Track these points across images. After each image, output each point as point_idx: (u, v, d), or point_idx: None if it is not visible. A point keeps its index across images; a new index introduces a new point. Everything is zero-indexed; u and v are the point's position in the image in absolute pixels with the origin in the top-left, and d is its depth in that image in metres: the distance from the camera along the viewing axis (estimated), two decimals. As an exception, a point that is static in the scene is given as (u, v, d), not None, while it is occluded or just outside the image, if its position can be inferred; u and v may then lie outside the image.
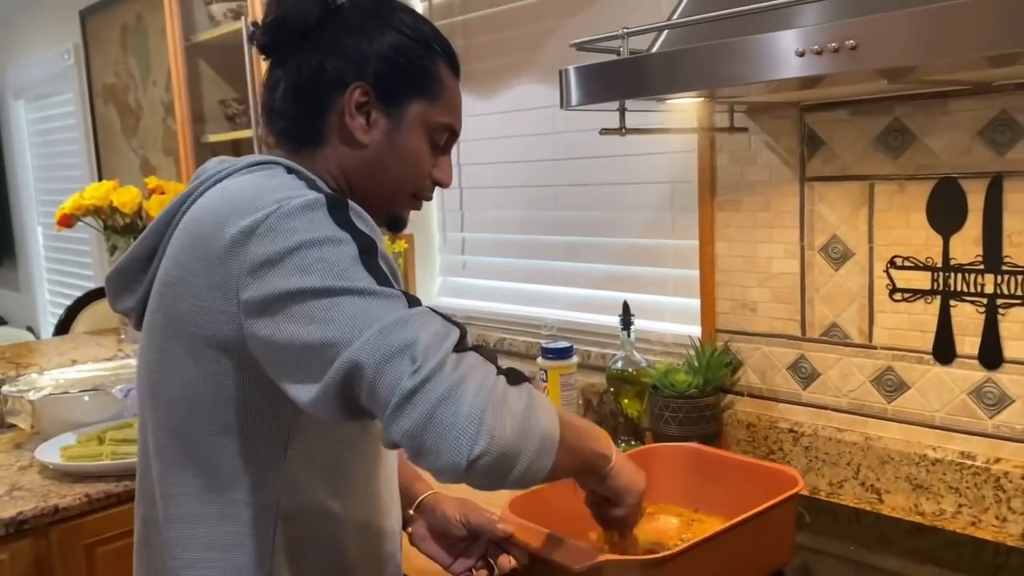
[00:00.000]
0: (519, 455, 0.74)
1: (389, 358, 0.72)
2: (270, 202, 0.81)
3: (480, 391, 0.72)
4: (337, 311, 0.75)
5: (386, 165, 0.96)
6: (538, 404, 0.78)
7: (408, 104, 0.95)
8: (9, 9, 4.63)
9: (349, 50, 0.93)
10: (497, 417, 0.72)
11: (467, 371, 0.73)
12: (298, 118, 0.95)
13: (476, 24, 2.12)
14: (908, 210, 1.36)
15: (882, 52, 0.89)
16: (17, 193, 5.08)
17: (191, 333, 0.86)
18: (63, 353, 2.41)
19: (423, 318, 0.75)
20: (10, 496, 1.63)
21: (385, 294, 0.76)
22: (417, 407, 0.71)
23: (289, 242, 0.78)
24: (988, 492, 1.30)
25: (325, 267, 0.77)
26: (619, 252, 1.90)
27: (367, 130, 0.94)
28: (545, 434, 0.77)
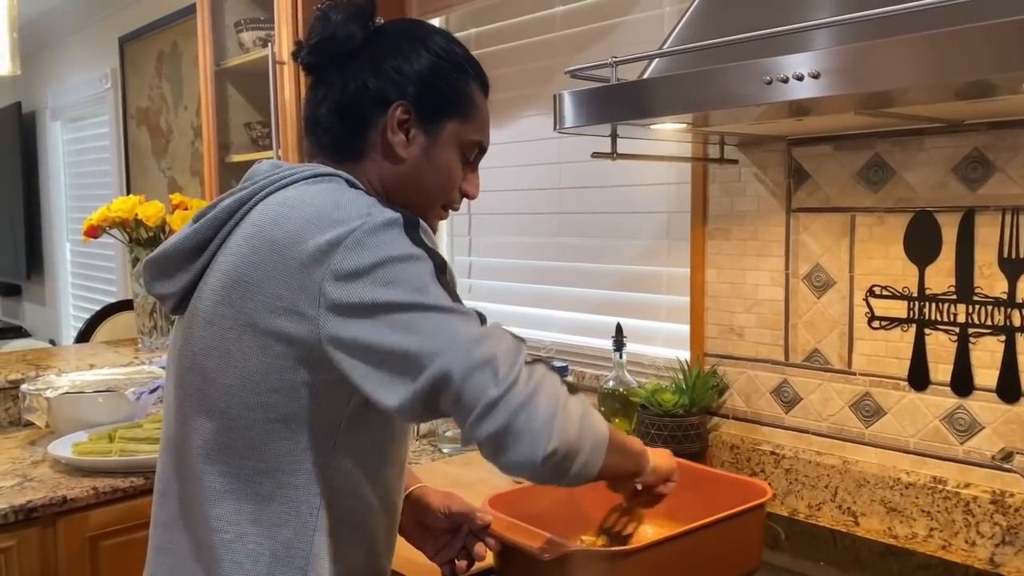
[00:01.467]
0: (578, 453, 0.86)
1: (475, 370, 0.82)
2: (354, 216, 0.89)
3: (550, 399, 0.84)
4: (422, 324, 0.85)
5: (422, 178, 1.04)
6: (591, 411, 0.90)
7: (444, 122, 1.03)
8: (53, 35, 4.84)
9: (390, 71, 1.01)
10: (564, 421, 0.84)
11: (539, 382, 0.84)
12: (342, 133, 1.02)
13: (490, 58, 2.22)
14: (887, 241, 1.42)
15: (846, 80, 0.97)
16: (49, 210, 5.25)
17: (263, 328, 0.91)
18: (82, 359, 2.50)
19: (499, 334, 0.86)
20: (21, 486, 1.71)
21: (460, 311, 0.86)
22: (500, 413, 0.82)
23: (375, 256, 0.87)
24: (958, 516, 1.34)
25: (407, 282, 0.86)
26: (616, 279, 1.96)
27: (407, 146, 1.02)
28: (598, 436, 0.89)
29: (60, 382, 2.06)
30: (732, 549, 1.16)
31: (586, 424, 0.87)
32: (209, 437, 0.96)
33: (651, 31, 1.80)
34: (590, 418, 0.89)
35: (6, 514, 1.59)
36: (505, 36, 2.17)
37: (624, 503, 1.19)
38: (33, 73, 4.74)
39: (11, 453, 1.95)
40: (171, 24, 3.59)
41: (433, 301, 0.86)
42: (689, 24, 1.29)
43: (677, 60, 1.24)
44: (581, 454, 0.86)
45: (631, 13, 1.87)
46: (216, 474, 0.96)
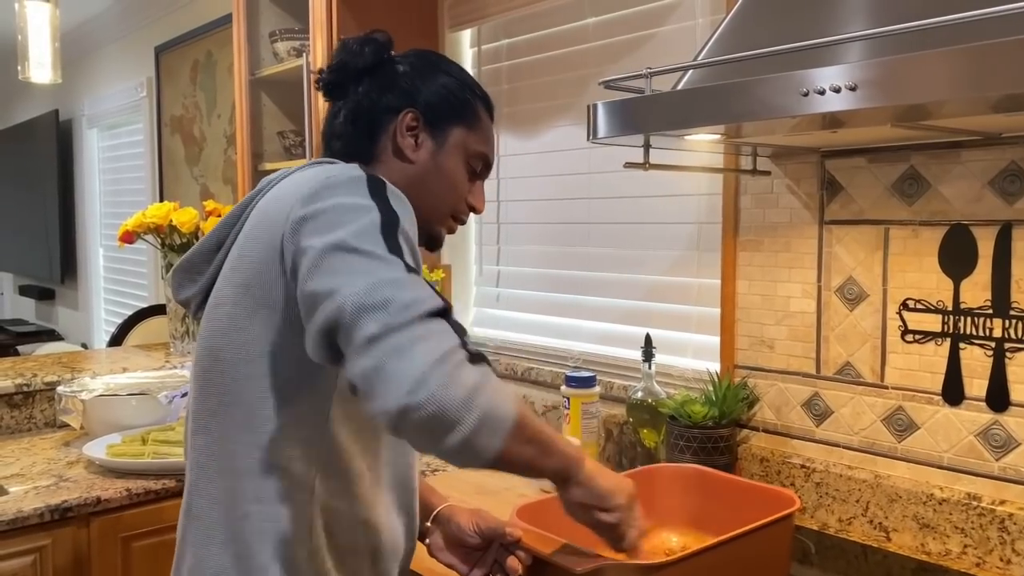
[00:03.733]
0: (457, 423, 0.78)
1: (368, 309, 0.80)
2: (321, 176, 0.94)
3: (431, 352, 0.78)
4: (343, 265, 0.84)
5: (430, 182, 1.09)
6: (493, 386, 0.82)
7: (451, 129, 1.10)
8: (91, 45, 4.94)
9: (404, 85, 1.10)
10: (441, 380, 0.77)
11: (427, 333, 0.80)
12: (355, 138, 1.10)
13: (521, 69, 2.24)
14: (921, 254, 1.41)
15: (883, 93, 0.96)
16: (83, 216, 5.34)
17: (254, 296, 0.96)
18: (115, 362, 2.54)
19: (412, 283, 0.83)
20: (57, 486, 1.74)
21: (388, 260, 0.85)
22: (372, 353, 0.79)
23: (324, 204, 0.89)
24: (993, 533, 1.32)
25: (347, 227, 0.87)
26: (646, 289, 1.96)
27: (415, 149, 1.09)
28: (491, 412, 0.80)
29: (94, 385, 2.10)
30: (761, 561, 1.15)
31: (477, 394, 0.79)
32: (217, 416, 0.99)
33: (683, 43, 1.81)
34: (487, 391, 0.80)
35: (42, 513, 1.62)
36: (537, 47, 2.19)
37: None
38: (71, 81, 4.83)
39: (47, 454, 1.98)
40: (206, 34, 3.64)
41: (361, 247, 0.85)
42: (723, 36, 1.30)
43: (711, 72, 1.24)
44: (463, 424, 0.78)
45: (663, 25, 1.87)
46: (222, 454, 0.99)
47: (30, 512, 1.61)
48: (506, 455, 0.84)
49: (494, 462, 0.84)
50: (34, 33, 2.72)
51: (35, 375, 2.25)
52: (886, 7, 1.11)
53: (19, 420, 2.20)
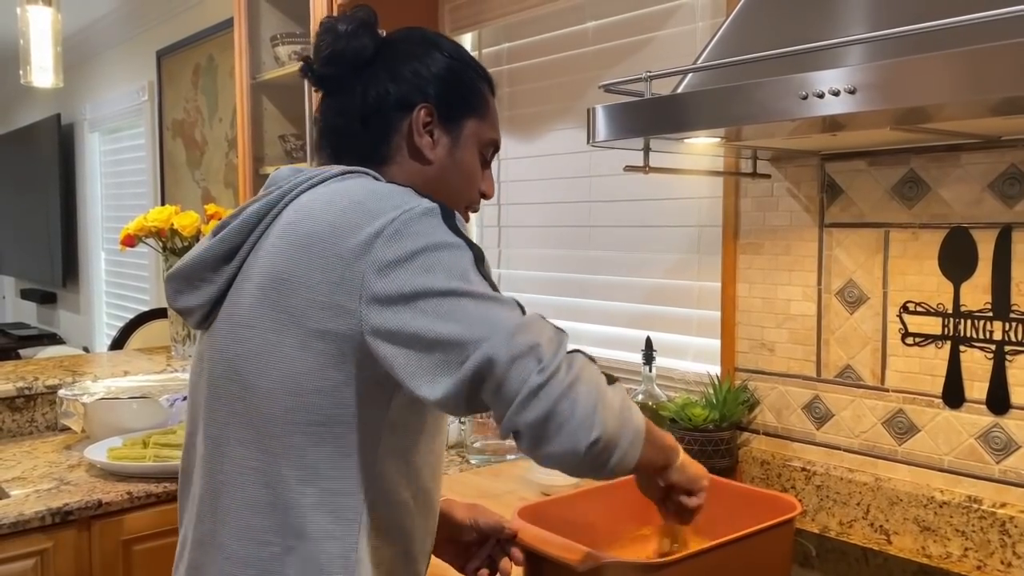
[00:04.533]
0: (618, 444, 0.83)
1: (519, 357, 0.81)
2: (392, 206, 0.90)
3: (591, 388, 0.82)
4: (464, 311, 0.84)
5: (448, 179, 1.05)
6: (629, 401, 0.88)
7: (465, 122, 1.05)
8: (93, 49, 4.95)
9: (409, 75, 1.03)
10: (605, 411, 0.82)
11: (579, 371, 0.82)
12: (367, 139, 1.03)
13: (522, 72, 2.24)
14: (921, 257, 1.41)
15: (883, 96, 0.97)
16: (85, 220, 5.35)
17: (305, 327, 0.90)
18: (116, 365, 2.55)
19: (540, 323, 0.85)
20: (58, 489, 1.74)
21: (500, 299, 0.86)
22: (543, 401, 0.80)
23: (415, 244, 0.87)
24: (994, 536, 1.32)
25: (448, 269, 0.86)
26: (647, 292, 1.97)
27: (433, 147, 1.04)
28: (637, 427, 0.86)
29: (96, 388, 2.10)
30: (761, 564, 1.15)
31: (625, 415, 0.85)
32: (250, 446, 0.95)
33: (683, 46, 1.81)
34: (629, 409, 0.87)
35: (43, 516, 1.62)
36: (537, 51, 2.19)
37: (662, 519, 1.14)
38: (73, 86, 4.84)
39: (48, 457, 1.99)
40: (208, 38, 3.65)
41: (474, 289, 0.85)
42: (723, 40, 1.30)
43: (711, 75, 1.25)
44: (620, 445, 0.84)
45: (663, 28, 1.88)
46: (259, 485, 0.94)
47: (31, 515, 1.61)
48: (642, 462, 0.89)
49: (633, 471, 0.89)
50: (36, 37, 2.73)
51: (36, 378, 2.25)
52: (885, 10, 1.12)
53: (20, 423, 2.21)
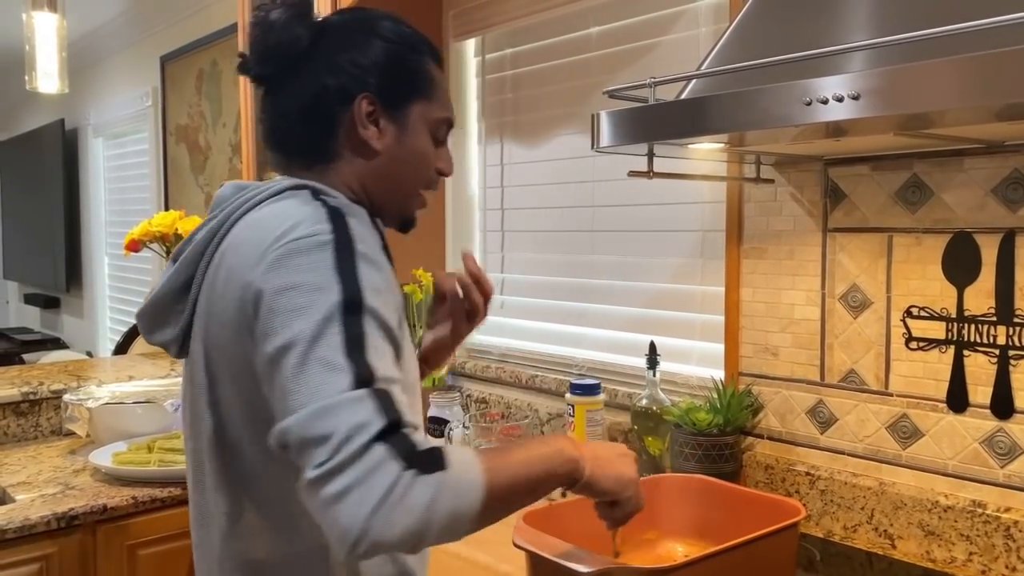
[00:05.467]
0: (421, 538, 0.79)
1: (308, 443, 0.79)
2: (286, 236, 0.88)
3: (368, 497, 0.76)
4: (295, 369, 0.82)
5: (399, 168, 1.03)
6: (449, 488, 0.80)
7: (411, 107, 1.02)
8: (97, 54, 4.97)
9: (346, 65, 0.99)
10: (384, 521, 0.76)
11: (363, 474, 0.76)
12: (311, 137, 1.01)
13: (526, 78, 2.25)
14: (925, 262, 1.42)
15: (886, 102, 0.97)
16: (88, 224, 5.36)
17: (229, 358, 0.93)
18: (121, 370, 2.55)
19: (351, 407, 0.79)
20: (63, 494, 1.75)
21: (338, 368, 0.81)
22: (317, 497, 0.78)
23: (285, 280, 0.86)
24: (998, 541, 1.32)
25: (305, 319, 0.83)
26: (650, 297, 1.97)
27: (380, 137, 1.01)
28: (453, 516, 0.80)
29: (100, 392, 2.11)
30: (765, 568, 1.16)
31: (433, 508, 0.78)
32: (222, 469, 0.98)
33: (686, 52, 1.82)
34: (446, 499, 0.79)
35: (48, 521, 1.63)
36: (541, 56, 2.20)
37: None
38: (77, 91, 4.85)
39: (53, 462, 1.99)
40: (211, 43, 3.67)
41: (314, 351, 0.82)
42: (726, 45, 1.31)
43: (714, 81, 1.25)
44: (427, 536, 0.79)
45: (667, 34, 1.88)
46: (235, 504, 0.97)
47: (37, 520, 1.61)
48: (488, 522, 0.85)
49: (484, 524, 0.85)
50: (41, 43, 2.74)
51: (41, 383, 2.26)
52: (888, 17, 1.12)
53: (25, 428, 2.21)
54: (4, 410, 2.18)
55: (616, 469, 0.98)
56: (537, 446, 0.92)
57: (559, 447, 0.93)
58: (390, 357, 0.86)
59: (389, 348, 0.87)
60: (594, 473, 0.95)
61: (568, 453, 0.93)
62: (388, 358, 0.85)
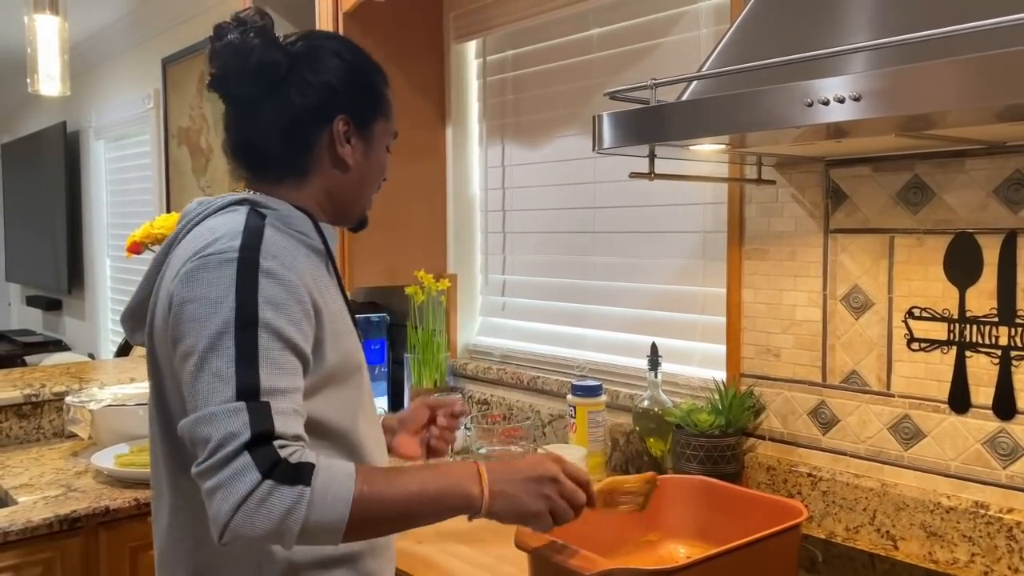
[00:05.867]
0: (282, 539, 0.90)
1: (195, 443, 0.93)
2: (199, 252, 1.00)
3: (229, 498, 0.88)
4: (192, 375, 0.95)
5: (365, 178, 1.15)
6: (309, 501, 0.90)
7: (375, 125, 1.14)
8: (99, 57, 4.97)
9: (320, 87, 1.08)
10: (244, 521, 0.88)
11: (229, 478, 0.89)
12: (287, 155, 1.09)
13: (527, 79, 2.25)
14: (926, 263, 1.42)
15: (887, 103, 0.97)
16: (90, 227, 5.36)
17: (166, 355, 1.04)
18: (122, 372, 2.55)
19: (227, 417, 0.91)
20: (65, 496, 1.75)
21: (225, 378, 0.93)
22: (201, 488, 0.91)
23: (190, 292, 0.97)
24: (1001, 542, 1.32)
25: (202, 327, 0.95)
26: (652, 298, 1.97)
27: (352, 154, 1.12)
28: (316, 523, 0.90)
29: (103, 395, 2.11)
30: (768, 569, 1.16)
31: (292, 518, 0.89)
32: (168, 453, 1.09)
33: (687, 53, 1.82)
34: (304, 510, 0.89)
35: (51, 523, 1.63)
36: (542, 58, 2.20)
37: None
38: (79, 94, 4.86)
39: (55, 464, 1.99)
40: (213, 46, 3.66)
41: (206, 362, 0.93)
42: (727, 47, 1.31)
43: (715, 83, 1.25)
44: (286, 541, 0.90)
45: (668, 36, 1.88)
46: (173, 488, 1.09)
47: (39, 522, 1.61)
48: (364, 536, 0.99)
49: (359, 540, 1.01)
50: (43, 46, 2.75)
51: (43, 385, 2.26)
52: (889, 18, 1.12)
53: (27, 430, 2.21)
54: (6, 412, 2.18)
55: (518, 505, 1.01)
56: (437, 477, 0.99)
57: (457, 481, 0.99)
58: (287, 365, 0.96)
59: (289, 356, 0.97)
60: (492, 508, 1.00)
61: (464, 489, 0.99)
62: (283, 367, 0.96)
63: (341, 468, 0.94)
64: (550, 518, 1.02)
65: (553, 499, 1.01)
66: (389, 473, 0.99)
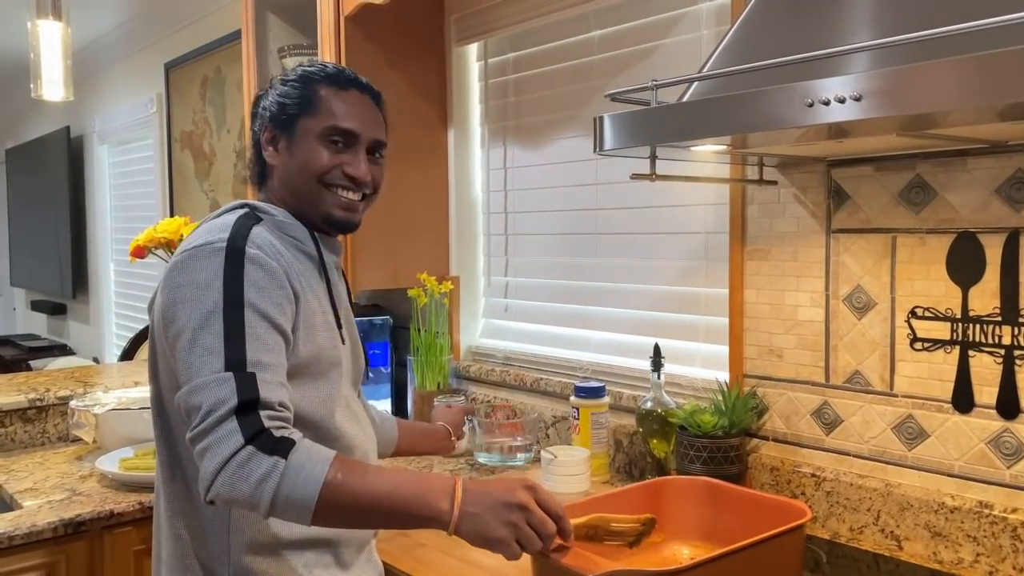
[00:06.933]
0: (255, 506, 0.99)
1: (189, 411, 1.03)
2: (192, 244, 1.11)
3: (216, 459, 0.98)
4: (184, 351, 1.05)
5: (290, 169, 1.23)
6: (284, 473, 0.98)
7: (296, 124, 1.23)
8: (102, 62, 4.98)
9: (260, 111, 1.27)
10: (224, 481, 0.98)
11: (216, 440, 0.99)
12: (255, 165, 1.29)
13: (528, 82, 2.25)
14: (929, 262, 1.41)
15: (889, 103, 0.97)
16: (94, 231, 5.38)
17: (161, 336, 1.13)
18: (127, 376, 2.56)
19: (217, 386, 1.01)
20: (70, 500, 1.75)
21: (215, 352, 1.03)
22: (193, 450, 1.02)
23: (182, 278, 1.09)
24: (1005, 542, 1.32)
25: (192, 309, 1.06)
26: (654, 299, 1.97)
27: (276, 155, 1.25)
28: (286, 497, 0.98)
29: (107, 399, 2.12)
30: (772, 570, 1.15)
31: (267, 484, 0.97)
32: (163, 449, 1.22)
33: (688, 54, 1.82)
34: (278, 479, 0.97)
35: (55, 527, 1.63)
36: (543, 60, 2.20)
37: None
38: (82, 98, 4.88)
39: (60, 468, 2.00)
40: (215, 50, 3.68)
41: (197, 339, 1.04)
42: (728, 48, 1.31)
43: (716, 83, 1.25)
44: (261, 506, 0.98)
45: (669, 37, 1.88)
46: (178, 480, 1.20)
47: (44, 526, 1.62)
48: (331, 523, 1.03)
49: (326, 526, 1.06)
50: (46, 52, 2.75)
51: (48, 390, 2.27)
52: (890, 18, 1.12)
53: (32, 434, 2.22)
54: (11, 416, 2.18)
55: (484, 528, 1.01)
56: (411, 484, 1.03)
57: (431, 493, 1.02)
58: (271, 342, 1.06)
59: (273, 335, 1.07)
60: (459, 528, 1.01)
61: (435, 502, 1.01)
62: (267, 343, 1.06)
63: (320, 452, 1.01)
64: (516, 546, 1.01)
65: (520, 527, 1.01)
66: (368, 469, 1.03)
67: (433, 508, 1.01)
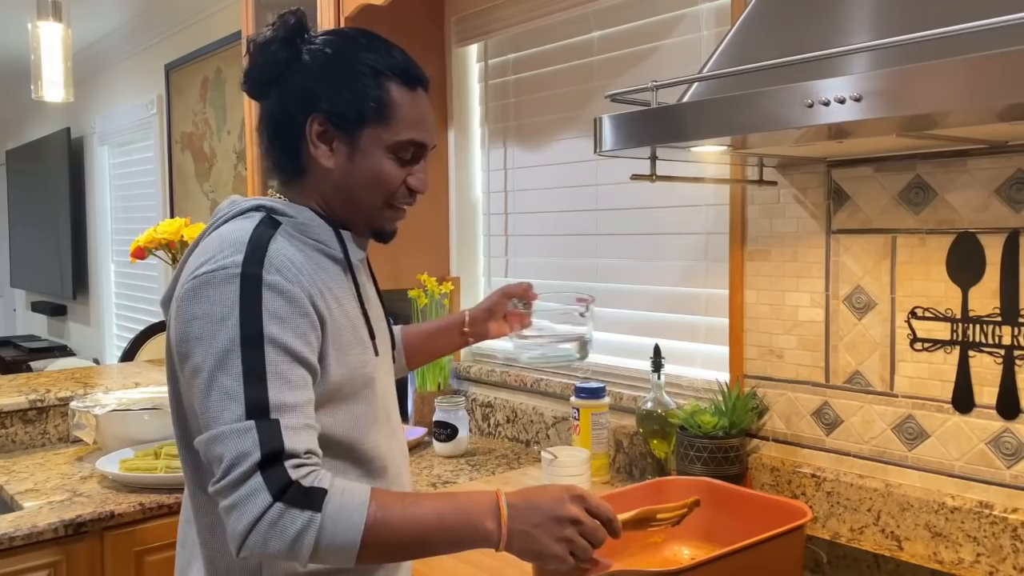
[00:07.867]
0: (295, 559, 0.93)
1: (210, 461, 0.96)
2: (204, 267, 1.00)
3: (243, 518, 0.91)
4: (202, 393, 0.96)
5: (352, 184, 1.09)
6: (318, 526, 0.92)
7: (361, 131, 1.07)
8: (102, 63, 4.99)
9: (300, 90, 1.07)
10: (258, 540, 0.91)
11: (241, 498, 0.92)
12: (280, 156, 1.10)
13: (528, 82, 2.25)
14: (929, 263, 1.41)
15: (888, 103, 0.97)
16: (95, 232, 5.38)
17: (175, 361, 1.04)
18: (127, 377, 2.56)
19: (238, 437, 0.93)
20: (71, 501, 1.75)
21: (234, 396, 0.94)
22: (219, 505, 0.94)
23: (195, 310, 0.98)
24: (1006, 542, 1.32)
25: (208, 345, 0.96)
26: (654, 300, 1.97)
27: (331, 156, 1.08)
28: (327, 547, 0.92)
29: (107, 400, 2.12)
30: (772, 571, 1.16)
31: (305, 539, 0.91)
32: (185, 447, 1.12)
33: (688, 55, 1.82)
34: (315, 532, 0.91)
35: (56, 528, 1.63)
36: (543, 61, 2.20)
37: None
38: (82, 100, 4.88)
39: (60, 469, 2.00)
40: (215, 51, 3.68)
41: (215, 380, 0.94)
42: (728, 49, 1.31)
43: (717, 84, 1.25)
44: (300, 559, 0.92)
45: (669, 37, 1.89)
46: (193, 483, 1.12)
47: (44, 527, 1.62)
48: (377, 561, 1.01)
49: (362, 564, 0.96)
50: (47, 53, 2.76)
51: (48, 391, 2.27)
52: (890, 18, 1.12)
53: (33, 436, 2.22)
54: (11, 418, 2.18)
55: (537, 546, 0.97)
56: (455, 509, 0.97)
57: (476, 516, 0.97)
58: (295, 378, 0.97)
59: (297, 369, 0.97)
60: (510, 547, 0.98)
61: (481, 525, 0.97)
62: (290, 381, 0.96)
63: (354, 496, 0.94)
64: (571, 558, 0.98)
65: (574, 541, 0.97)
66: (406, 501, 0.97)
67: (479, 531, 0.97)
